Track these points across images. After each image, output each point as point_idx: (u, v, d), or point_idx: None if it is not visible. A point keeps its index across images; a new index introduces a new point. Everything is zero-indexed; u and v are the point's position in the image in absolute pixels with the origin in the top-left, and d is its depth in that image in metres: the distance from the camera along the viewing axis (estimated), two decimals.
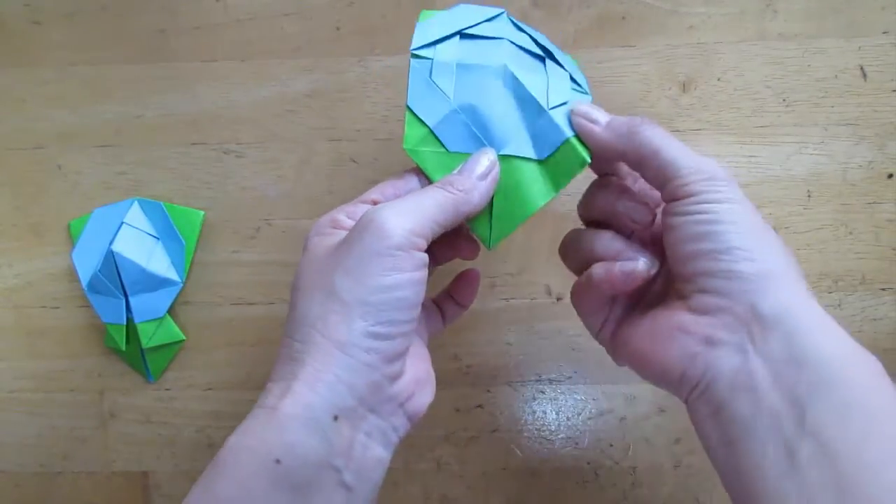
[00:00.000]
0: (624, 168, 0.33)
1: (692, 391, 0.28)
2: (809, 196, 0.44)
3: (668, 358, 0.28)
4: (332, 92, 0.44)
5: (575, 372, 0.44)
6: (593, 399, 0.44)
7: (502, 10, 0.34)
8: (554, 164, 0.31)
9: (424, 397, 0.29)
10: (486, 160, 0.30)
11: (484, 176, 0.30)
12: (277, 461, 0.25)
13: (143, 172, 0.45)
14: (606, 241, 0.31)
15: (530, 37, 0.33)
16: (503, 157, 0.31)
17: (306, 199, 0.45)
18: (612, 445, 0.44)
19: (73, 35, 0.45)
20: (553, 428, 0.45)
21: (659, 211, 0.31)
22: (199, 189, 0.45)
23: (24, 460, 0.46)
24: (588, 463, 0.44)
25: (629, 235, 0.32)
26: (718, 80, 0.43)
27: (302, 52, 0.44)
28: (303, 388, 0.26)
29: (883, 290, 0.44)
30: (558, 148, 0.30)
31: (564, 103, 0.31)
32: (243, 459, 0.25)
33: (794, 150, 0.43)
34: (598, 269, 0.30)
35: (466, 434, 0.45)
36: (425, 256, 0.28)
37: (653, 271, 0.30)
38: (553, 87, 0.31)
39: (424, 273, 0.28)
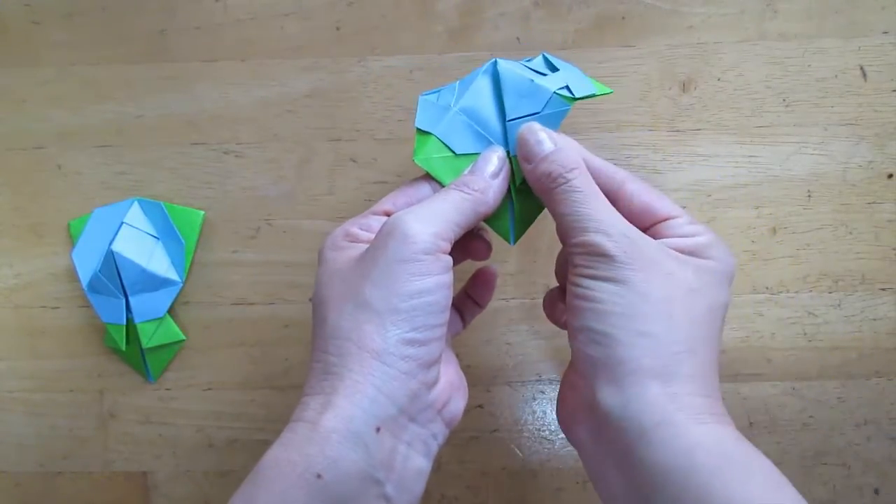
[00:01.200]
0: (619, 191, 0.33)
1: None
2: (809, 196, 0.44)
3: (557, 414, 0.30)
4: (332, 92, 0.44)
5: None
6: None
7: (493, 60, 0.34)
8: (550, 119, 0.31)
9: (460, 402, 0.30)
10: (495, 158, 0.30)
11: (496, 174, 0.30)
12: (319, 476, 0.24)
13: (143, 172, 0.45)
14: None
15: (557, 67, 0.34)
16: (515, 158, 0.31)
17: (306, 199, 0.45)
18: None
19: (73, 35, 0.45)
20: (553, 428, 0.45)
21: None
22: (199, 189, 0.45)
23: (24, 460, 0.46)
24: None
25: None
26: (718, 80, 0.43)
27: (302, 52, 0.44)
28: (343, 401, 0.25)
29: (883, 290, 0.44)
30: (548, 102, 0.31)
31: (543, 74, 0.32)
32: (285, 473, 0.25)
33: (794, 150, 0.43)
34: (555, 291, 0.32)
35: (466, 434, 0.45)
36: (450, 259, 0.28)
37: None
38: (543, 80, 0.32)
39: (451, 276, 0.28)
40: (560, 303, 0.34)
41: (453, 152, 0.31)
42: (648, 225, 0.29)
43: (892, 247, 0.44)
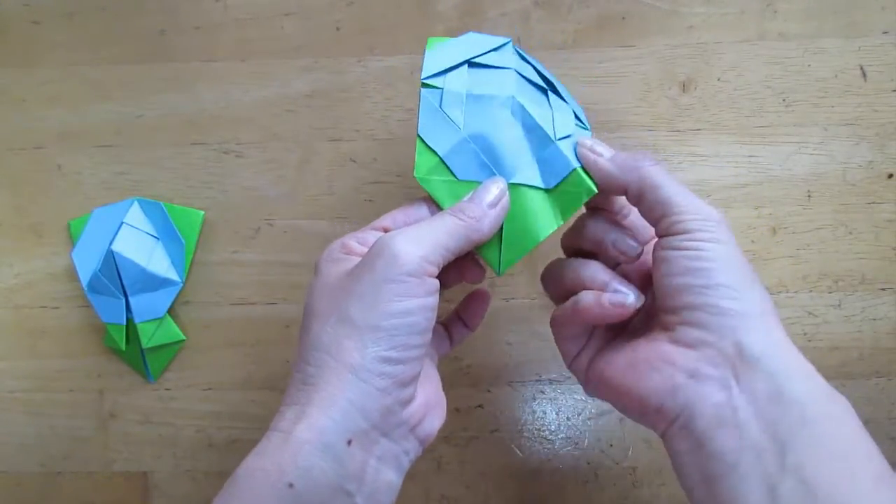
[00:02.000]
0: (616, 204, 0.34)
1: (671, 424, 0.28)
2: (809, 196, 0.44)
3: (646, 389, 0.29)
4: (332, 92, 0.44)
5: None
6: (593, 399, 0.44)
7: (508, 39, 0.34)
8: (561, 193, 0.32)
9: (435, 421, 0.30)
10: (495, 188, 0.31)
11: (494, 204, 0.30)
12: (291, 485, 0.25)
13: (143, 172, 0.45)
14: (593, 270, 0.31)
15: (534, 68, 0.34)
16: (513, 186, 0.31)
17: (306, 199, 0.45)
18: (612, 445, 0.44)
19: (73, 35, 0.45)
20: (553, 428, 0.45)
21: (647, 247, 0.32)
22: (199, 189, 0.45)
23: (24, 460, 0.46)
24: (588, 463, 0.44)
25: (614, 268, 0.33)
26: (718, 80, 0.43)
27: (302, 52, 0.44)
28: (317, 412, 0.26)
29: (883, 290, 0.44)
30: (565, 178, 0.31)
31: (570, 135, 0.32)
32: (258, 482, 0.25)
33: (794, 150, 0.43)
34: (587, 297, 0.31)
35: (467, 434, 0.45)
36: (436, 282, 0.28)
37: (638, 305, 0.31)
38: (558, 119, 0.32)
39: (436, 299, 0.28)
40: (578, 318, 0.32)
41: (455, 177, 0.32)
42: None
43: (892, 247, 0.44)
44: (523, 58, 0.34)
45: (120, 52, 0.45)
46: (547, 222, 0.32)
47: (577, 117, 0.33)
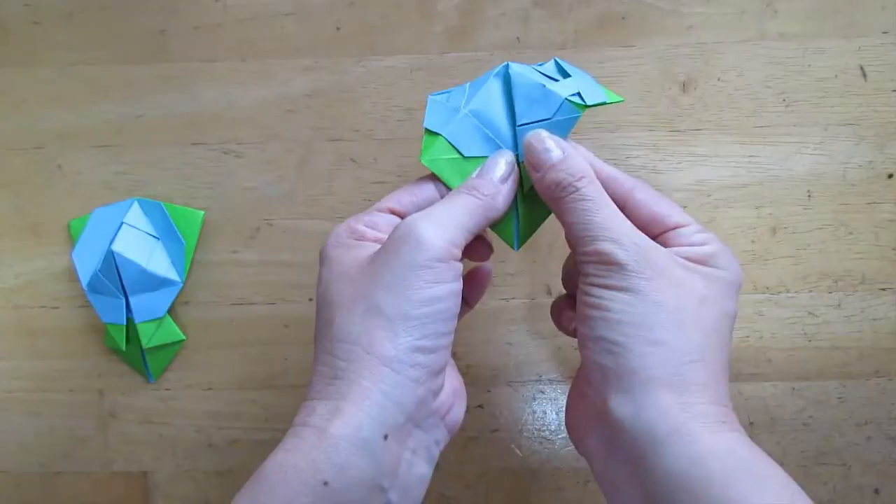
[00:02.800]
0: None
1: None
2: (809, 196, 0.44)
3: (567, 423, 0.31)
4: (332, 92, 0.44)
5: (575, 372, 0.44)
6: None
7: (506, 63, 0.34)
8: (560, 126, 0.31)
9: (461, 407, 0.30)
10: (503, 162, 0.30)
11: (505, 178, 0.30)
12: (326, 483, 0.24)
13: (143, 172, 0.45)
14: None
15: (564, 71, 0.33)
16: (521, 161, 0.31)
17: (306, 199, 0.45)
18: None
19: (73, 35, 0.45)
20: (553, 428, 0.45)
21: None
22: (199, 189, 0.45)
23: (24, 460, 0.46)
24: None
25: None
26: (718, 80, 0.43)
27: (302, 52, 0.44)
28: (352, 407, 0.25)
29: (883, 290, 0.44)
30: (559, 108, 0.30)
31: (556, 80, 0.31)
32: (289, 479, 0.25)
33: (794, 150, 0.43)
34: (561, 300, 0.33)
35: (466, 434, 0.45)
36: (461, 266, 0.28)
37: None
38: (541, 99, 0.31)
39: (461, 283, 0.27)
40: (568, 311, 0.33)
41: (461, 154, 0.31)
42: (657, 233, 0.29)
43: (892, 247, 0.44)
44: (563, 70, 0.34)
45: (120, 52, 0.45)
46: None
47: (580, 97, 0.31)
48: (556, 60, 0.34)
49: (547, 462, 0.45)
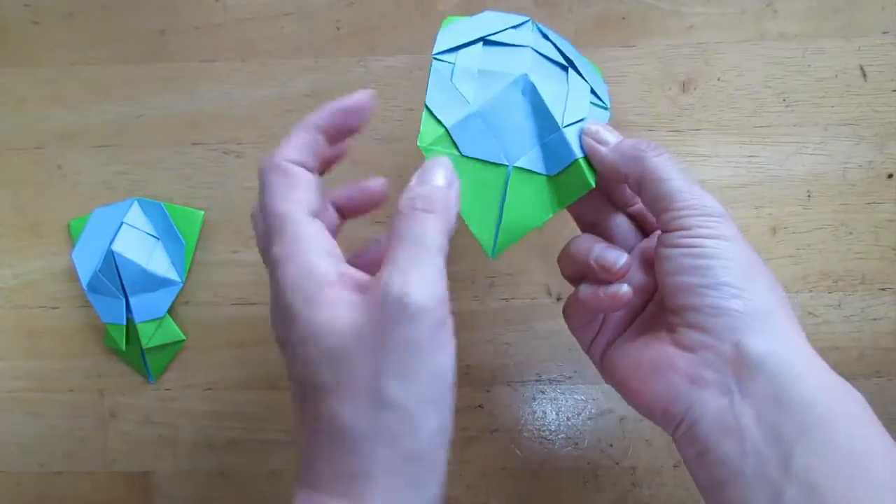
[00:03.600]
0: (627, 192, 0.33)
1: (677, 428, 0.28)
2: (809, 196, 0.44)
3: (651, 393, 0.28)
4: (332, 92, 0.44)
5: (575, 372, 0.44)
6: (593, 399, 0.44)
7: (528, 18, 0.34)
8: (561, 181, 0.31)
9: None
10: (441, 170, 0.27)
11: (450, 184, 0.27)
12: None
13: (143, 172, 0.45)
14: (593, 249, 0.31)
15: (554, 45, 0.33)
16: (516, 169, 0.31)
17: None
18: (611, 445, 0.44)
19: (73, 35, 0.45)
20: (553, 428, 0.45)
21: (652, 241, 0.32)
22: (199, 189, 0.45)
23: (24, 460, 0.46)
24: (588, 463, 0.44)
25: (630, 249, 0.32)
26: (718, 80, 0.43)
27: (302, 52, 0.44)
28: None
29: (883, 290, 0.44)
30: (567, 167, 0.31)
31: (581, 120, 0.31)
32: None
33: (794, 150, 0.43)
34: (584, 290, 0.31)
35: (466, 434, 0.45)
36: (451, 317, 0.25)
37: (631, 295, 0.30)
38: (571, 101, 0.31)
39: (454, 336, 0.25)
40: (582, 308, 0.32)
41: (459, 153, 0.31)
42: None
43: (892, 247, 0.44)
44: (544, 35, 0.34)
45: (120, 52, 0.45)
46: (543, 209, 0.31)
47: (596, 96, 0.33)
48: (540, 30, 0.34)
49: (547, 462, 0.45)
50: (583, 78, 0.33)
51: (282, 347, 0.26)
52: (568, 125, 0.31)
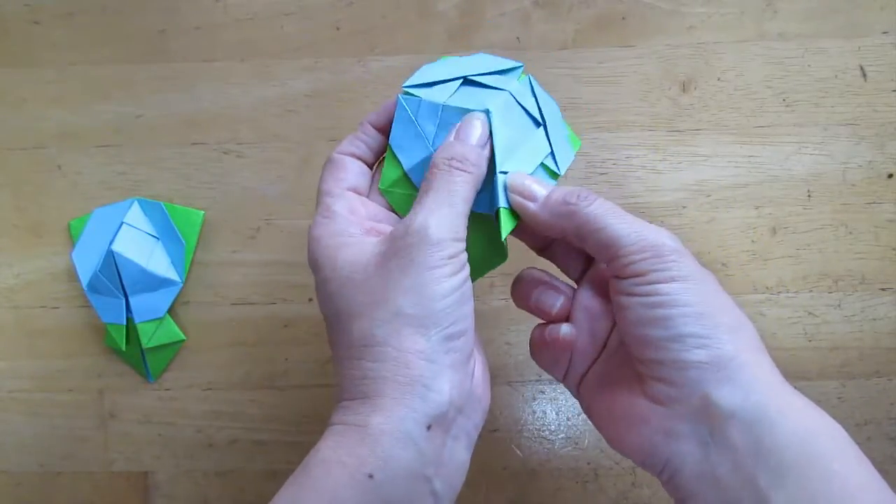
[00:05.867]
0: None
1: (660, 475, 0.28)
2: (809, 196, 0.44)
3: (629, 444, 0.28)
4: (332, 92, 0.44)
5: None
6: None
7: (521, 64, 0.33)
8: (495, 228, 0.30)
9: (489, 386, 0.30)
10: (479, 123, 0.29)
11: (483, 144, 0.29)
12: (370, 476, 0.24)
13: (143, 172, 0.45)
14: (537, 293, 0.32)
15: (536, 101, 0.32)
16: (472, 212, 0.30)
17: (306, 199, 0.45)
18: None
19: (73, 35, 0.45)
20: (553, 428, 0.45)
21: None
22: (199, 189, 0.45)
23: (24, 460, 0.46)
24: (588, 463, 0.44)
25: (580, 274, 0.32)
26: (718, 80, 0.43)
27: (302, 52, 0.44)
28: (391, 402, 0.25)
29: (883, 290, 0.44)
30: (496, 213, 0.30)
31: (535, 122, 0.31)
32: (334, 473, 0.25)
33: (794, 150, 0.43)
34: (534, 331, 0.32)
35: None
36: (465, 249, 0.28)
37: (572, 334, 0.30)
38: (522, 153, 0.30)
39: (468, 266, 0.28)
40: (537, 348, 0.32)
41: (416, 191, 0.30)
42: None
43: (892, 247, 0.44)
44: (532, 88, 0.33)
45: (120, 52, 0.45)
46: (496, 255, 0.31)
47: (555, 162, 0.31)
48: (530, 82, 0.33)
49: (547, 462, 0.45)
50: (548, 139, 0.32)
51: (317, 295, 0.29)
52: (504, 172, 0.30)
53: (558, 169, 0.31)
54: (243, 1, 0.44)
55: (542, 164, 0.31)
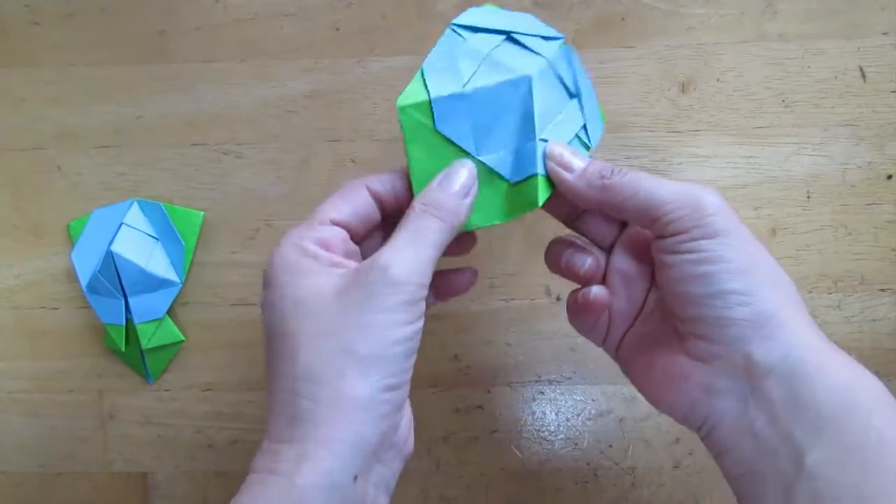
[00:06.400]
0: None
1: (698, 432, 0.28)
2: (809, 197, 0.44)
3: (669, 400, 0.29)
4: (331, 92, 0.44)
5: (574, 372, 0.44)
6: (593, 400, 0.44)
7: (562, 36, 0.33)
8: (518, 191, 0.30)
9: (412, 436, 0.30)
10: (466, 173, 0.29)
11: (466, 193, 0.29)
12: None
13: (143, 173, 0.45)
14: (567, 255, 0.31)
15: (574, 73, 0.32)
16: (480, 164, 0.30)
17: (306, 199, 0.45)
18: (611, 446, 0.44)
19: (73, 36, 0.45)
20: (553, 428, 0.45)
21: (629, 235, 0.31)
22: (199, 189, 0.45)
23: (24, 461, 0.46)
24: (588, 463, 0.44)
25: (611, 242, 0.32)
26: (718, 80, 0.43)
27: (302, 53, 0.44)
28: (322, 451, 0.25)
29: (882, 290, 0.44)
30: (527, 179, 0.30)
31: (570, 94, 0.31)
32: None
33: (794, 150, 0.43)
34: (569, 295, 0.32)
35: (466, 434, 0.45)
36: (424, 302, 0.27)
37: (604, 296, 0.30)
38: (559, 123, 0.31)
39: (422, 319, 0.27)
40: (573, 312, 0.33)
41: (433, 125, 0.30)
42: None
43: (892, 247, 0.44)
44: (569, 60, 0.32)
45: (120, 53, 0.45)
46: (494, 213, 0.31)
47: (587, 134, 0.32)
48: (569, 53, 0.32)
49: (547, 462, 0.45)
50: (582, 112, 0.32)
51: (267, 311, 0.28)
52: (543, 140, 0.30)
53: (590, 142, 0.32)
54: (243, 1, 0.44)
55: (577, 136, 0.31)
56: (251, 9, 0.44)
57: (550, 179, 0.30)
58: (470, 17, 0.32)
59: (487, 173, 0.30)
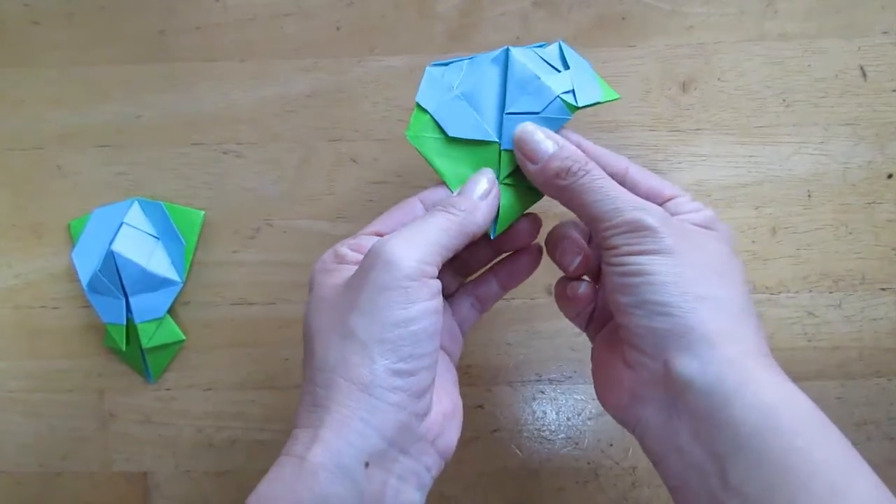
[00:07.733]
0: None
1: (634, 436, 0.29)
2: (809, 196, 0.44)
3: (609, 402, 0.30)
4: (332, 92, 0.44)
5: (575, 372, 0.44)
6: (593, 399, 0.44)
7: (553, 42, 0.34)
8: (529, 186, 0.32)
9: (454, 432, 0.29)
10: (484, 181, 0.30)
11: (485, 196, 0.30)
12: None
13: (143, 172, 0.45)
14: (561, 249, 0.32)
15: (563, 59, 0.33)
16: (506, 152, 0.31)
17: (306, 199, 0.45)
18: (612, 445, 0.44)
19: (73, 35, 0.45)
20: (553, 428, 0.45)
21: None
22: (199, 189, 0.45)
23: (24, 460, 0.46)
24: (588, 463, 0.44)
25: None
26: (718, 80, 0.43)
27: (302, 52, 0.44)
28: (330, 435, 0.25)
29: (883, 290, 0.44)
30: (549, 104, 0.31)
31: (531, 113, 0.31)
32: None
33: (794, 150, 0.43)
34: (556, 285, 0.33)
35: (466, 434, 0.44)
36: (438, 284, 0.27)
37: (587, 291, 0.32)
38: (538, 88, 0.31)
39: (440, 301, 0.27)
40: (560, 300, 0.34)
41: (445, 134, 0.31)
42: (658, 204, 0.30)
43: (892, 247, 0.44)
44: (561, 51, 0.33)
45: (120, 52, 0.45)
46: (533, 193, 0.32)
47: (573, 96, 0.31)
48: (560, 45, 0.33)
49: (547, 462, 0.45)
50: (570, 80, 0.32)
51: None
52: (511, 114, 0.31)
53: (576, 101, 0.31)
54: (243, 1, 0.44)
55: (560, 97, 0.31)
56: (251, 9, 0.44)
57: None
58: (436, 68, 0.33)
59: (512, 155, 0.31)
